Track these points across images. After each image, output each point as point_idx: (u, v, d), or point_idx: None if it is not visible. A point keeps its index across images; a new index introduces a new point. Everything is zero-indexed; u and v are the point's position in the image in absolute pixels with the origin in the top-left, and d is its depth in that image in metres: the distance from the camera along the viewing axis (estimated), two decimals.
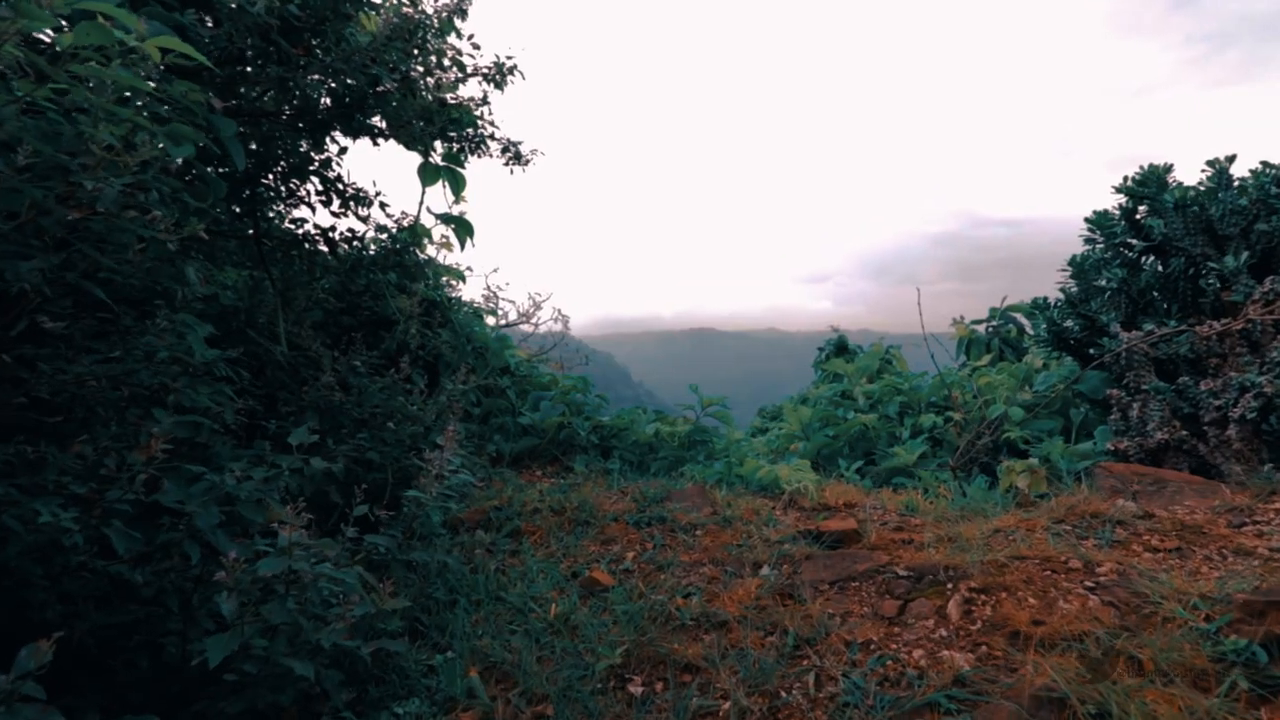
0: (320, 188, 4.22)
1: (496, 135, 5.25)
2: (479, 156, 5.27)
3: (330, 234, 4.38)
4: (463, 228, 5.06)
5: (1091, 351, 5.76)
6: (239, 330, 4.16)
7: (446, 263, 5.80)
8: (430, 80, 4.28)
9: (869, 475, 4.61)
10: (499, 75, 5.04)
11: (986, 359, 7.31)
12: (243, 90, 3.44)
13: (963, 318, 9.04)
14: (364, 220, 4.39)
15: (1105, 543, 2.56)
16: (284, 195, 4.26)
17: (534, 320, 6.51)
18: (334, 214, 4.27)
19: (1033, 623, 1.99)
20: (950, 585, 2.28)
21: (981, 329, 9.52)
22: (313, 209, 4.30)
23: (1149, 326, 4.35)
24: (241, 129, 3.96)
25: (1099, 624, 1.94)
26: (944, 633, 2.09)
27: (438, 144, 5.29)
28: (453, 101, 5.05)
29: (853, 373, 5.69)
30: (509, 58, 4.65)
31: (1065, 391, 4.55)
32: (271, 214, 4.38)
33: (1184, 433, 3.75)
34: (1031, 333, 9.36)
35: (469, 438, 4.93)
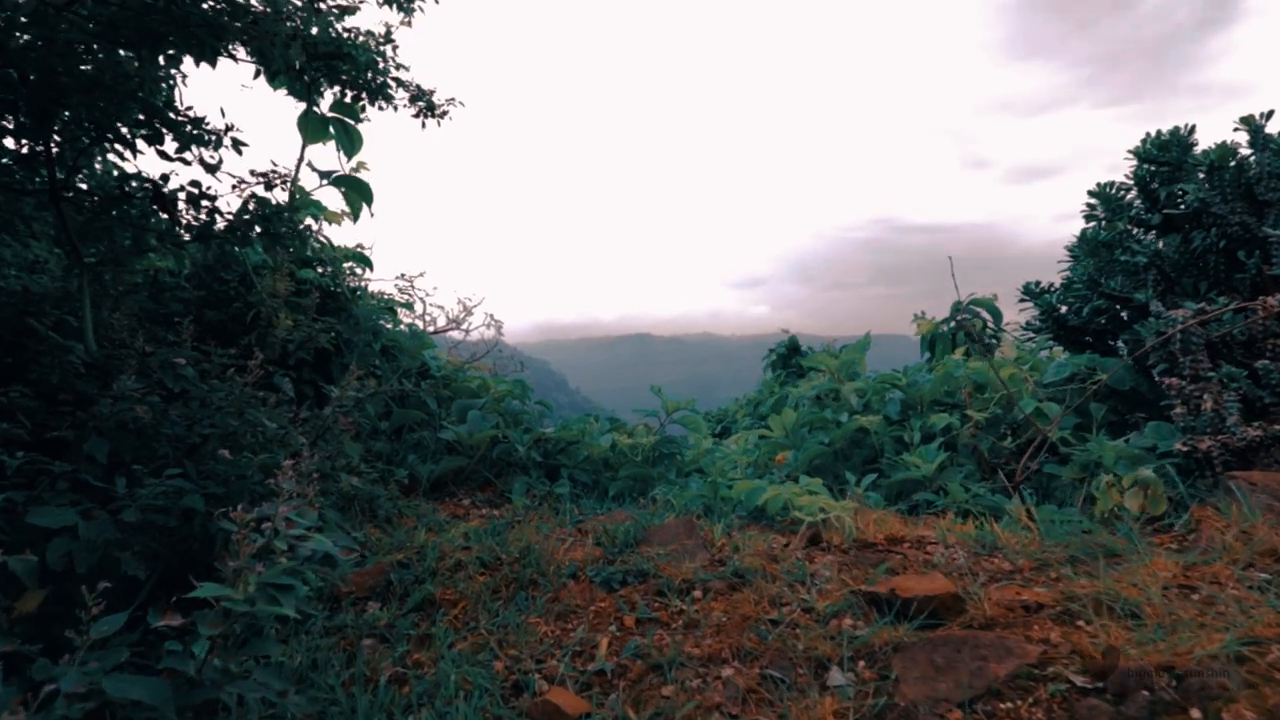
0: (143, 118, 2.85)
1: (404, 80, 3.98)
2: (381, 108, 3.97)
3: (163, 186, 3.00)
4: (356, 190, 3.74)
5: (1088, 339, 5.04)
6: (11, 320, 2.74)
7: (349, 246, 4.46)
8: None
9: (879, 489, 3.62)
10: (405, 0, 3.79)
11: (959, 353, 6.58)
12: None
13: (925, 313, 8.37)
14: (212, 170, 3.03)
15: None
16: (91, 131, 2.85)
17: (465, 326, 5.31)
18: (164, 156, 2.90)
19: None
20: (1198, 714, 1.25)
21: (942, 325, 8.86)
22: (134, 149, 2.91)
23: (1191, 305, 3.57)
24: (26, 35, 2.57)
25: None
26: None
27: (326, 91, 3.96)
28: (345, 35, 3.76)
29: (837, 368, 4.73)
30: None
31: (1100, 382, 3.72)
32: (76, 157, 2.95)
33: (1278, 428, 2.94)
34: (993, 327, 8.71)
35: (373, 459, 3.61)
